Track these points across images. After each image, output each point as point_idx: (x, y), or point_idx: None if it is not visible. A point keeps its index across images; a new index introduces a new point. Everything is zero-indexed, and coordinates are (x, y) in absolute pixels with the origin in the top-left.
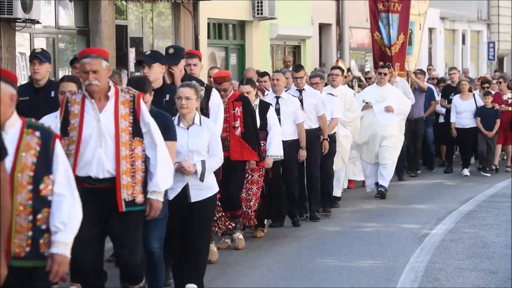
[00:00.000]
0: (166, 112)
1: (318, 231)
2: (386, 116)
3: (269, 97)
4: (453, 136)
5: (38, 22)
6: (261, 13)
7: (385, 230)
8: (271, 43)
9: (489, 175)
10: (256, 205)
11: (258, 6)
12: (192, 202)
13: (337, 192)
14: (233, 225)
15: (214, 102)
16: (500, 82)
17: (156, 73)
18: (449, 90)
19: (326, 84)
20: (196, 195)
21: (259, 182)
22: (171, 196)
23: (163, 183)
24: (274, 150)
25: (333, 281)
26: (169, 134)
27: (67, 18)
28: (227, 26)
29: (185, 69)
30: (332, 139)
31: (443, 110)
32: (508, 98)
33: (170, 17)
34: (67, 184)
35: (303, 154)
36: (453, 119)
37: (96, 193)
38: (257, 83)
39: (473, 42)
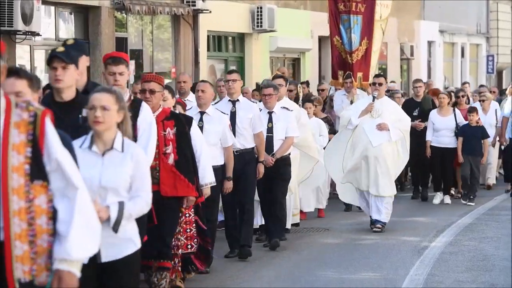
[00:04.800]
0: (81, 131)
1: (317, 243)
2: (379, 136)
3: (192, 112)
4: (426, 157)
5: (38, 34)
6: (261, 26)
7: (385, 242)
8: (271, 56)
9: (473, 204)
10: (193, 244)
11: (257, 19)
12: (103, 263)
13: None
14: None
15: (144, 120)
16: (463, 96)
17: (73, 76)
18: (411, 105)
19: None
20: (108, 253)
21: (187, 215)
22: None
23: (79, 248)
24: (210, 176)
25: None
26: None
27: (67, 30)
28: (226, 38)
29: (88, 79)
30: (287, 162)
31: None
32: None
33: (169, 29)
34: None
35: (228, 186)
36: (429, 136)
37: None
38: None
39: (472, 56)
